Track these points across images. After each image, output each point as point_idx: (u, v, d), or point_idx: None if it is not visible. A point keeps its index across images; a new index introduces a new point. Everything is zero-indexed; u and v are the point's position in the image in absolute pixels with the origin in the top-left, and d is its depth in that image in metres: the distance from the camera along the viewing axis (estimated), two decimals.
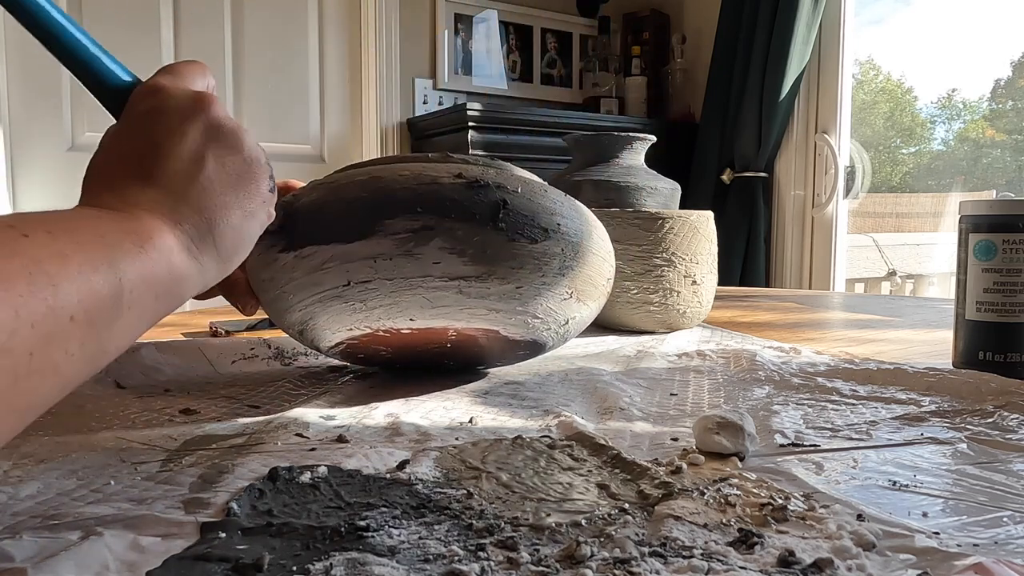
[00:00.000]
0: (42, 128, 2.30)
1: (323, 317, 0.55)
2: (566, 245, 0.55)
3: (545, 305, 0.55)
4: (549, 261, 0.54)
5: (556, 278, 0.55)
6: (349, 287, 0.52)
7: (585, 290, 0.58)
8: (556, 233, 0.55)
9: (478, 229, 0.52)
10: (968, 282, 0.65)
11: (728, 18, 2.73)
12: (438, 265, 0.52)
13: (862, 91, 2.99)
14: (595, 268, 0.58)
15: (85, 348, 0.31)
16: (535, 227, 0.54)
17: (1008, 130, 2.72)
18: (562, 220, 0.56)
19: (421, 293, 0.52)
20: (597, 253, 0.59)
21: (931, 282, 3.06)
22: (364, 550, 0.31)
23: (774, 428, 0.49)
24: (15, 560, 0.29)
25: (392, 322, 0.54)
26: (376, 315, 0.53)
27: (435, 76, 2.83)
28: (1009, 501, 0.37)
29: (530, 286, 0.54)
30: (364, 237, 0.52)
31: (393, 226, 0.51)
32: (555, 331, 0.59)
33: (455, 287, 0.52)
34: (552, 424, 0.50)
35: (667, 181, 1.19)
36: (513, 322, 0.55)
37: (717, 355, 0.74)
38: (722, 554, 0.30)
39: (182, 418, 0.51)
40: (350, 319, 0.54)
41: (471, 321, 0.54)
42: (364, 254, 0.52)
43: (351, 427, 0.49)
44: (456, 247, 0.52)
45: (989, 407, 0.53)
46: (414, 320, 0.54)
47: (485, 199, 0.53)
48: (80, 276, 0.30)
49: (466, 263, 0.52)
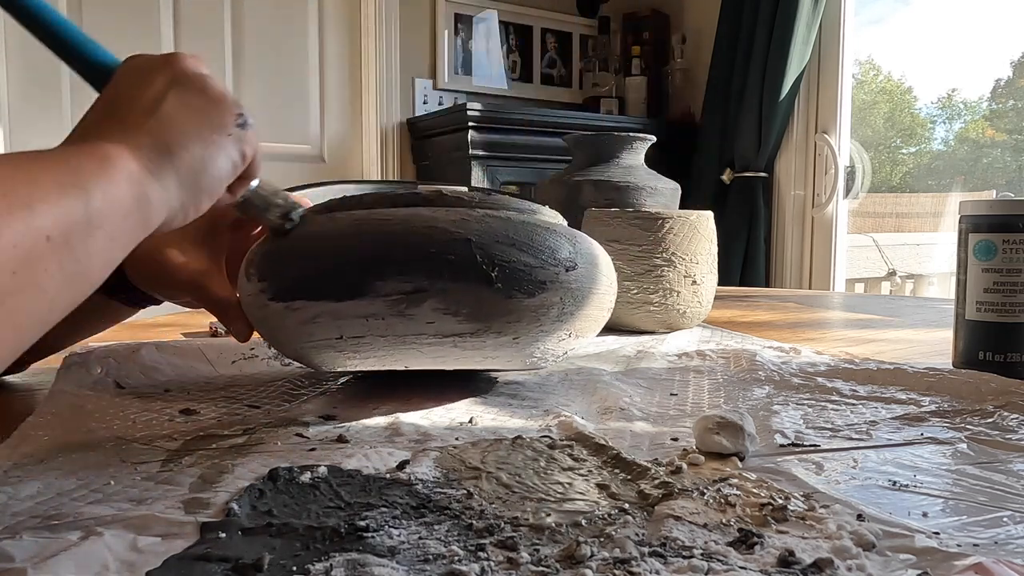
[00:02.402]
0: (42, 127, 2.30)
1: (318, 359, 0.54)
2: (565, 294, 0.53)
3: (543, 347, 0.55)
4: (547, 311, 0.52)
5: (554, 325, 0.53)
6: (342, 339, 0.51)
7: (584, 327, 0.56)
8: (555, 283, 0.52)
9: (473, 288, 0.50)
10: (968, 282, 0.65)
11: (728, 18, 2.73)
12: (432, 324, 0.50)
13: (862, 91, 2.99)
14: (595, 305, 0.56)
15: (64, 267, 0.33)
16: (532, 282, 0.51)
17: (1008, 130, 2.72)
18: (560, 269, 0.53)
19: (415, 347, 0.52)
20: (599, 292, 0.56)
21: (931, 282, 3.06)
22: (364, 551, 0.31)
23: (774, 428, 0.49)
24: (15, 560, 0.29)
25: (387, 368, 0.54)
26: (370, 363, 0.54)
27: (435, 76, 2.83)
28: (1009, 501, 0.37)
29: (527, 335, 0.52)
30: (354, 297, 0.50)
31: (384, 287, 0.49)
32: (552, 361, 0.58)
33: (450, 342, 0.51)
34: (552, 424, 0.50)
35: (667, 181, 1.19)
36: (511, 364, 0.56)
37: (717, 355, 0.74)
38: (722, 554, 0.30)
39: (182, 418, 0.51)
40: (345, 364, 0.54)
41: (468, 365, 0.55)
42: (356, 313, 0.50)
43: (351, 427, 0.49)
44: (450, 308, 0.50)
45: (989, 407, 0.53)
46: (409, 367, 0.54)
47: (479, 257, 0.50)
48: (52, 197, 0.33)
49: (461, 321, 0.50)
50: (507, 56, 2.98)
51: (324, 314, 0.50)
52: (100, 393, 0.58)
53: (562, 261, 0.53)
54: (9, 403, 0.56)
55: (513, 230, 0.52)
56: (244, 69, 2.56)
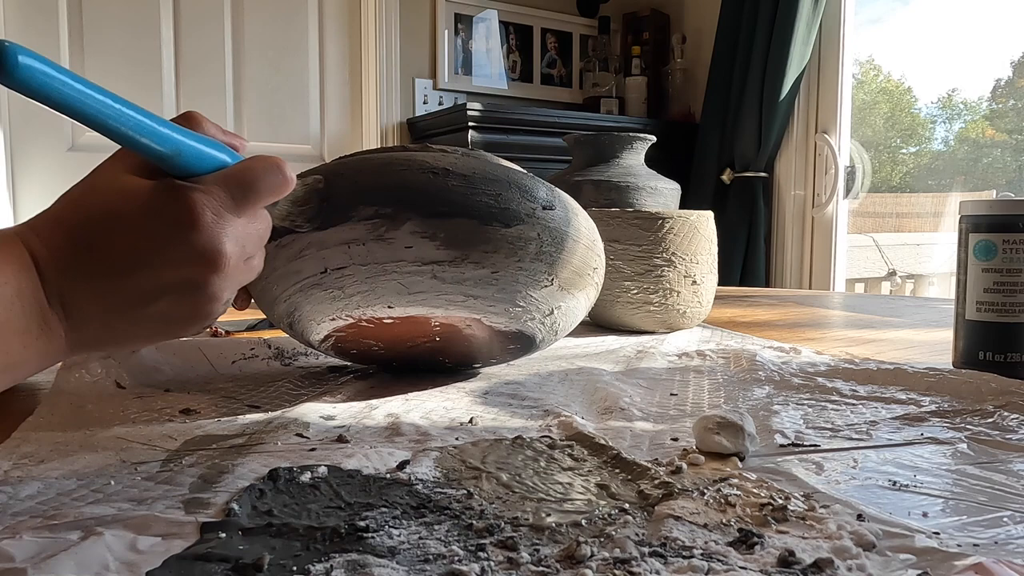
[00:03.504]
0: (42, 128, 2.30)
1: (306, 307, 0.55)
2: (543, 231, 0.55)
3: (525, 292, 0.56)
4: (525, 246, 0.54)
5: (534, 264, 0.55)
6: (327, 274, 0.53)
7: (569, 279, 0.58)
8: (532, 218, 0.55)
9: (449, 214, 0.53)
10: (968, 282, 0.65)
11: (728, 18, 2.73)
12: (411, 250, 0.52)
13: (862, 91, 2.99)
14: (578, 256, 0.58)
15: None
16: (509, 212, 0.54)
17: (1008, 130, 2.72)
18: (537, 207, 0.56)
19: (396, 279, 0.53)
20: (580, 241, 0.58)
21: (931, 282, 3.05)
22: (364, 551, 0.31)
23: (774, 428, 0.49)
24: (15, 560, 0.29)
25: (372, 310, 0.54)
26: (355, 302, 0.54)
27: (435, 76, 2.83)
28: (1009, 501, 0.37)
29: (506, 271, 0.54)
30: (337, 223, 0.52)
31: (366, 211, 0.52)
32: (540, 321, 0.58)
33: (429, 271, 0.53)
34: (552, 424, 0.50)
35: (667, 181, 1.19)
36: (494, 310, 0.56)
37: (717, 355, 0.74)
38: (722, 554, 0.30)
39: (182, 418, 0.51)
40: (331, 307, 0.55)
41: (449, 309, 0.55)
42: (338, 240, 0.52)
43: (351, 427, 0.49)
44: (427, 231, 0.52)
45: (989, 407, 0.53)
46: (392, 307, 0.54)
47: (456, 184, 0.53)
48: None
49: (439, 247, 0.52)
50: (507, 56, 2.98)
51: (311, 245, 0.53)
52: (100, 393, 0.58)
53: (539, 199, 0.56)
54: (9, 403, 0.56)
55: (491, 169, 0.56)
56: (244, 69, 2.56)
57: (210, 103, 2.51)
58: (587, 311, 0.64)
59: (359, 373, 0.66)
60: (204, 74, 2.50)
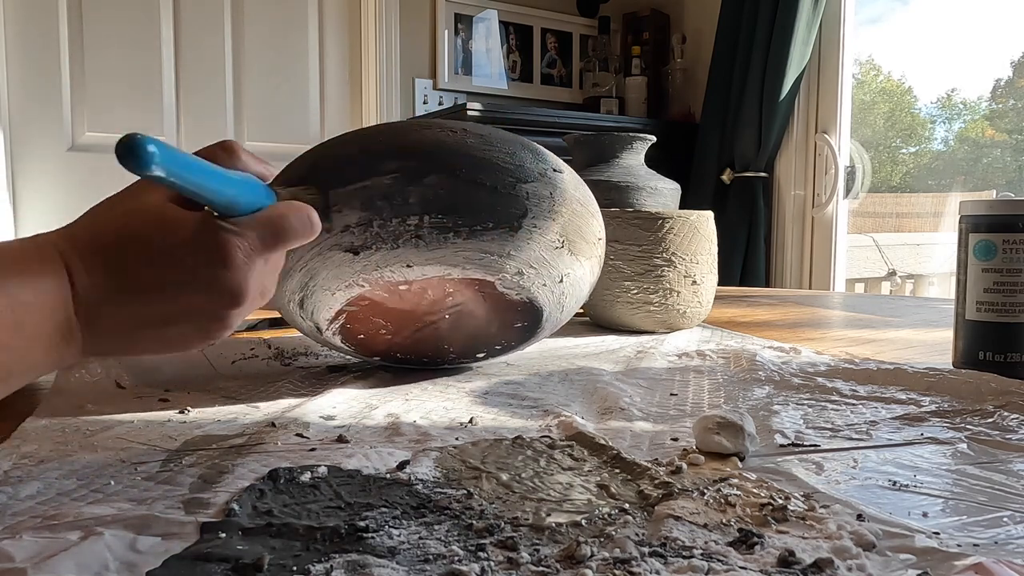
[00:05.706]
0: (42, 128, 2.30)
1: (323, 273, 0.56)
2: (555, 190, 0.59)
3: (538, 253, 0.57)
4: (539, 203, 0.57)
5: (546, 222, 0.58)
6: (346, 231, 0.54)
7: (576, 243, 0.60)
8: (544, 177, 0.58)
9: (469, 168, 0.56)
10: (968, 282, 0.65)
11: (728, 18, 2.73)
12: (431, 202, 0.54)
13: (862, 91, 2.99)
14: (584, 221, 0.61)
15: None
16: (525, 170, 0.58)
17: (1008, 130, 2.72)
18: (548, 168, 0.59)
19: (415, 233, 0.55)
20: (587, 207, 0.62)
21: (931, 282, 3.05)
22: (364, 551, 0.31)
23: (774, 428, 0.49)
24: (15, 560, 0.29)
25: (390, 271, 0.55)
26: (375, 262, 0.55)
27: (435, 76, 2.83)
28: (1009, 501, 0.37)
29: (521, 227, 0.57)
30: (355, 182, 0.54)
31: (388, 166, 0.54)
32: (551, 289, 0.60)
33: (450, 225, 0.55)
34: (552, 424, 0.50)
35: (667, 181, 1.19)
36: (509, 270, 0.57)
37: (717, 355, 0.74)
38: (722, 554, 0.30)
39: (182, 418, 0.51)
40: (349, 270, 0.55)
41: (467, 268, 0.56)
42: (362, 197, 0.54)
43: (351, 427, 0.49)
44: (449, 185, 0.55)
45: (989, 407, 0.53)
46: (411, 267, 0.55)
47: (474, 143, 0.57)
48: None
49: (459, 202, 0.55)
50: (507, 56, 2.98)
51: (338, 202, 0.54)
52: (100, 393, 0.58)
53: (549, 162, 0.61)
54: (9, 403, 0.56)
55: (507, 138, 0.60)
56: (244, 69, 2.56)
57: (210, 103, 2.51)
58: (590, 289, 0.66)
59: (359, 373, 0.66)
60: (204, 74, 2.50)
